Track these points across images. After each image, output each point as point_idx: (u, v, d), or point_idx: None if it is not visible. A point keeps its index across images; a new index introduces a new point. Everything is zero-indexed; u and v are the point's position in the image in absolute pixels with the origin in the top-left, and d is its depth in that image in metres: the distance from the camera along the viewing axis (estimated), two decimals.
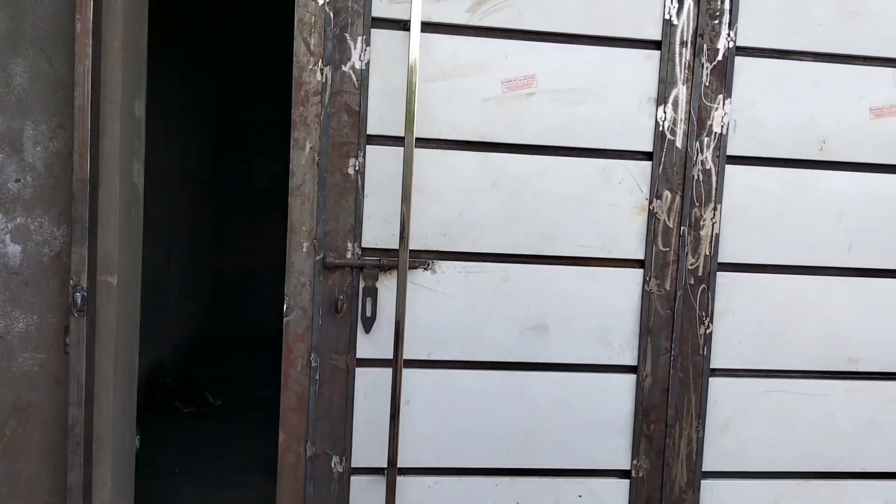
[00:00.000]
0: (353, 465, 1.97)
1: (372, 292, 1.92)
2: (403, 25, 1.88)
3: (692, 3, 1.95)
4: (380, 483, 1.96)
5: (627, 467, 2.05)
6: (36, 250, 1.91)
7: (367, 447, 1.96)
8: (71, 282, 1.85)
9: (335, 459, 1.96)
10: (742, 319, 2.05)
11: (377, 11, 1.88)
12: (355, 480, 1.97)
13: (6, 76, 1.87)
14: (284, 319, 1.92)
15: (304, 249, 1.91)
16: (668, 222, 1.99)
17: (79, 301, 1.85)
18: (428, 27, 1.88)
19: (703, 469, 2.07)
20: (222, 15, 4.96)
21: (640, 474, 2.05)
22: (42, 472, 1.95)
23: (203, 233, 5.31)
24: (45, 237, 1.91)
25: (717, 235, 2.01)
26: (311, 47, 1.88)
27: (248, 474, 3.26)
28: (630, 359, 2.03)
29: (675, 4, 1.95)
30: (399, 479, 1.95)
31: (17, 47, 1.87)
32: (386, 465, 1.93)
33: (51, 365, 1.93)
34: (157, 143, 3.26)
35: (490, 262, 1.97)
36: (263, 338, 5.62)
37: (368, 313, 1.93)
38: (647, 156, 1.98)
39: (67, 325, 1.89)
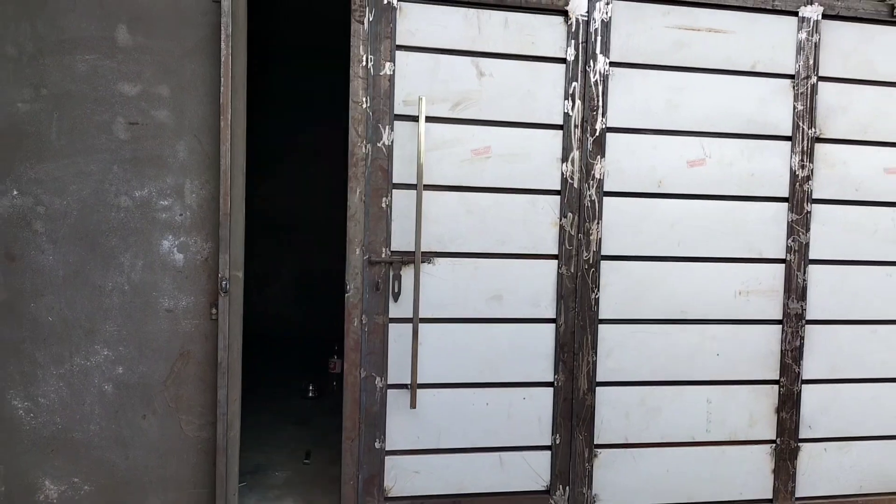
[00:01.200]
0: (388, 382, 3.24)
1: (398, 277, 3.21)
2: (414, 119, 3.18)
3: (580, 103, 3.32)
4: (405, 393, 3.24)
5: (552, 380, 3.39)
6: (192, 258, 3.13)
7: (397, 371, 3.24)
8: (219, 275, 3.08)
9: (378, 379, 3.23)
10: (616, 289, 3.42)
11: (397, 110, 3.18)
12: (390, 392, 3.25)
13: (174, 151, 3.09)
14: (346, 295, 3.19)
15: (357, 252, 3.19)
16: (571, 232, 3.35)
17: (225, 286, 3.08)
18: (428, 119, 3.20)
19: (597, 380, 3.42)
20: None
21: (559, 384, 3.39)
22: (196, 393, 3.15)
23: None
24: (197, 249, 3.13)
25: (600, 239, 3.37)
26: (359, 132, 3.16)
27: (281, 419, 4.51)
28: (552, 314, 3.37)
29: (570, 103, 3.31)
30: (418, 391, 3.24)
31: (181, 134, 3.09)
32: (409, 382, 3.22)
33: (202, 327, 3.14)
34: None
35: (467, 258, 3.28)
36: (267, 338, 6.86)
37: (396, 290, 3.21)
38: (557, 192, 3.33)
39: (215, 301, 3.12)
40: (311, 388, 5.39)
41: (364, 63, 3.14)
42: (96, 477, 3.09)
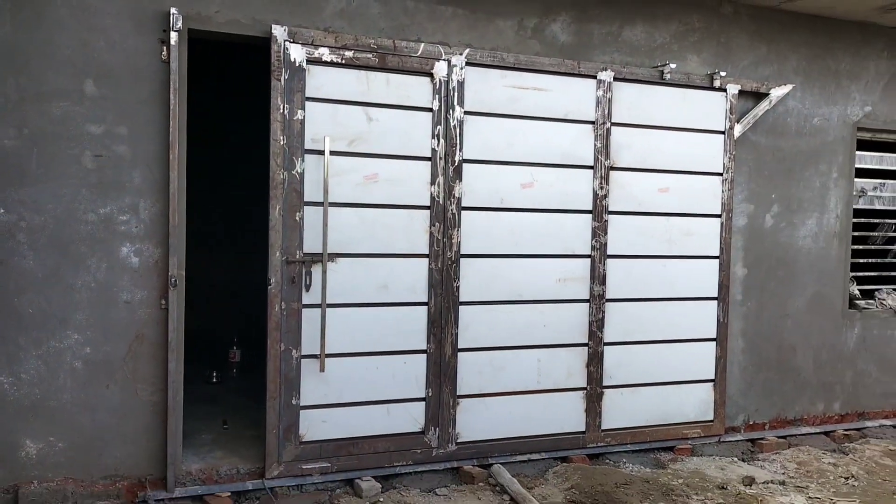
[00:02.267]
0: (302, 353, 4.24)
1: (309, 273, 4.22)
2: (320, 152, 4.21)
3: (444, 141, 4.48)
4: (315, 362, 4.26)
5: (425, 348, 4.52)
6: (145, 261, 3.98)
7: (309, 345, 4.25)
8: (169, 273, 3.96)
9: (294, 351, 4.22)
10: (472, 279, 4.60)
11: (307, 146, 4.19)
12: (304, 361, 4.25)
13: (131, 178, 3.93)
14: (269, 287, 4.16)
15: (277, 255, 4.17)
16: (438, 237, 4.50)
17: (174, 282, 3.97)
18: (331, 153, 4.23)
19: (459, 347, 4.59)
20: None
21: (431, 351, 4.52)
22: (148, 367, 4.00)
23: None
24: (150, 254, 3.99)
25: (460, 242, 4.55)
26: (278, 163, 4.15)
27: (193, 401, 5.35)
28: (425, 298, 4.50)
29: (436, 141, 4.46)
30: (326, 359, 4.26)
31: (136, 164, 3.94)
32: (319, 353, 4.24)
33: (153, 315, 3.99)
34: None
35: (362, 258, 4.35)
36: None
37: (308, 283, 4.22)
38: (427, 207, 4.46)
39: (164, 295, 3.99)
40: (214, 374, 6.22)
41: (281, 110, 4.13)
42: (68, 436, 3.88)
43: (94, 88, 3.84)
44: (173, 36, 3.89)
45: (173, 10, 3.87)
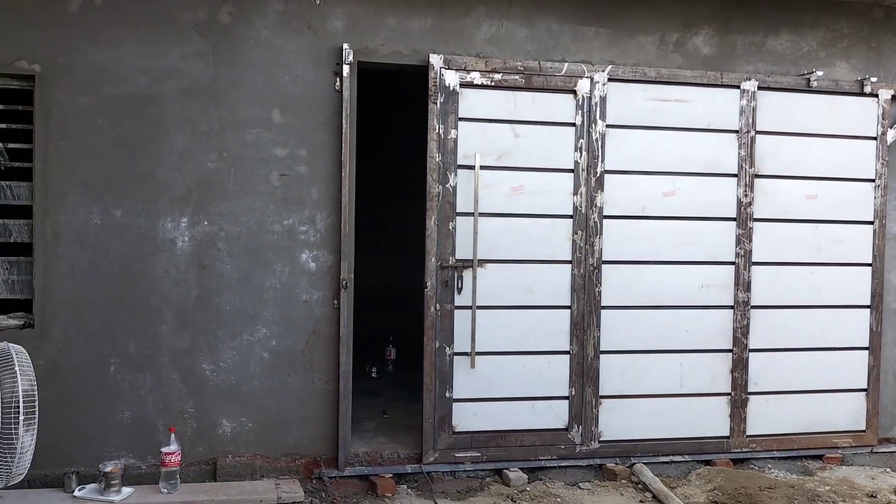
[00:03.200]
0: (455, 350, 4.65)
1: (461, 277, 4.62)
2: (471, 167, 4.61)
3: (586, 154, 4.74)
4: (467, 359, 4.65)
5: (568, 349, 4.79)
6: (321, 266, 4.54)
7: (461, 343, 4.64)
8: (341, 276, 4.50)
9: (447, 348, 4.64)
10: (613, 284, 4.82)
11: (459, 162, 4.60)
12: (456, 358, 4.65)
13: (309, 194, 4.50)
14: (425, 290, 4.60)
15: (432, 260, 4.60)
16: (580, 244, 4.77)
17: (345, 284, 4.49)
18: (480, 167, 4.62)
19: (601, 349, 4.82)
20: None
21: (574, 352, 4.79)
22: (323, 358, 4.55)
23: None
24: (324, 260, 4.54)
25: (601, 249, 4.79)
26: (434, 177, 4.59)
27: (357, 394, 5.90)
28: (568, 302, 4.77)
29: (579, 154, 4.74)
30: (476, 357, 4.64)
31: (314, 181, 4.51)
32: (469, 350, 4.63)
33: (327, 313, 4.54)
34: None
35: (508, 263, 4.70)
36: None
37: (460, 286, 4.63)
38: (570, 217, 4.75)
39: (336, 295, 4.52)
40: (373, 370, 6.80)
41: (437, 130, 4.57)
42: (256, 417, 4.48)
43: (279, 117, 4.44)
44: (345, 68, 4.43)
45: (345, 46, 4.41)
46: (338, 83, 4.47)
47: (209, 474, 4.38)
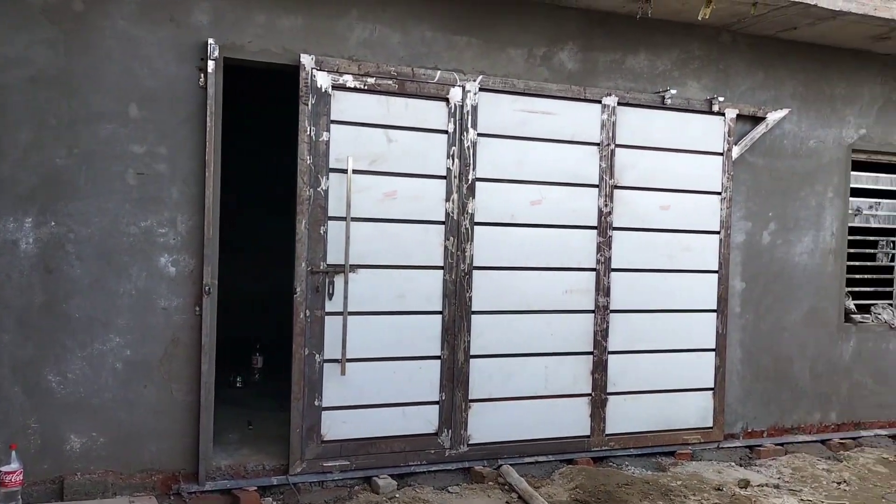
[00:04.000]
0: (325, 357, 4.55)
1: (332, 282, 4.54)
2: (343, 171, 4.54)
3: (458, 161, 4.80)
4: (337, 366, 4.57)
5: (439, 354, 4.82)
6: (181, 270, 4.31)
7: (331, 350, 4.56)
8: (203, 282, 4.29)
9: (317, 355, 4.54)
10: (485, 290, 4.90)
11: (332, 165, 4.52)
12: (326, 365, 4.56)
13: (170, 194, 4.27)
14: (294, 296, 4.48)
15: (303, 265, 4.49)
16: (452, 250, 4.81)
17: (207, 290, 4.29)
18: (353, 171, 4.56)
19: (471, 353, 4.89)
20: None
21: (445, 357, 4.82)
22: (183, 368, 4.32)
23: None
24: (185, 264, 4.32)
25: (472, 255, 4.86)
26: (304, 180, 4.48)
27: (221, 405, 5.67)
28: (439, 308, 4.80)
29: (451, 161, 4.79)
30: (347, 364, 4.57)
31: (174, 181, 4.29)
32: (340, 357, 4.55)
33: (188, 321, 4.32)
34: None
35: (380, 269, 4.66)
36: None
37: (331, 291, 4.54)
38: (442, 223, 4.78)
39: (198, 302, 4.31)
40: (238, 379, 6.54)
41: (308, 132, 4.47)
42: (109, 431, 4.19)
43: (137, 111, 4.19)
44: (210, 64, 4.24)
45: (210, 41, 4.23)
46: (202, 79, 4.28)
47: (56, 494, 4.05)
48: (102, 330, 4.17)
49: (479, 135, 4.86)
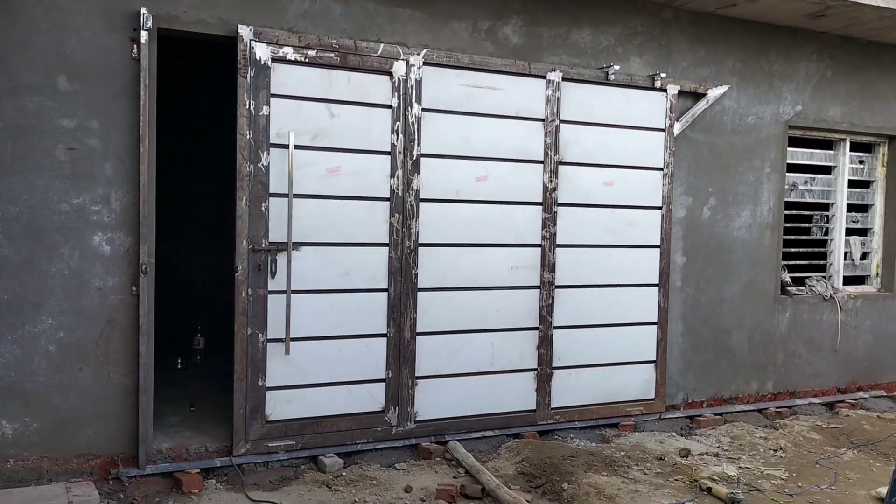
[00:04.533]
0: (268, 337, 4.48)
1: (275, 261, 4.45)
2: (285, 147, 4.44)
3: (403, 137, 4.74)
4: (281, 345, 4.50)
5: (385, 332, 4.79)
6: (116, 249, 4.17)
7: (275, 329, 4.48)
8: (140, 261, 4.16)
9: (260, 335, 4.46)
10: (430, 267, 4.88)
11: (272, 140, 4.41)
12: (269, 344, 4.48)
13: (102, 169, 4.11)
14: (236, 274, 4.38)
15: (244, 243, 4.39)
16: (397, 227, 4.76)
17: (144, 269, 4.17)
18: (295, 147, 4.46)
19: (417, 331, 4.87)
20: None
21: (391, 335, 4.79)
22: (120, 350, 4.19)
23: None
24: (121, 243, 4.17)
25: (418, 232, 4.82)
26: (245, 156, 4.37)
27: (163, 387, 5.55)
28: (385, 285, 4.76)
29: (396, 136, 4.73)
30: (291, 343, 4.50)
31: (107, 156, 4.12)
32: (284, 336, 4.48)
33: (124, 301, 4.18)
34: None
35: (324, 247, 4.59)
36: None
37: (273, 270, 4.46)
38: (387, 199, 4.73)
39: (135, 282, 4.18)
40: (179, 361, 6.40)
41: (248, 106, 4.35)
42: (43, 416, 4.05)
43: (66, 84, 4.01)
44: (143, 35, 4.08)
45: (143, 11, 4.06)
46: (135, 50, 4.11)
47: None
48: (34, 311, 4.01)
49: (424, 110, 4.81)
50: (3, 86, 3.88)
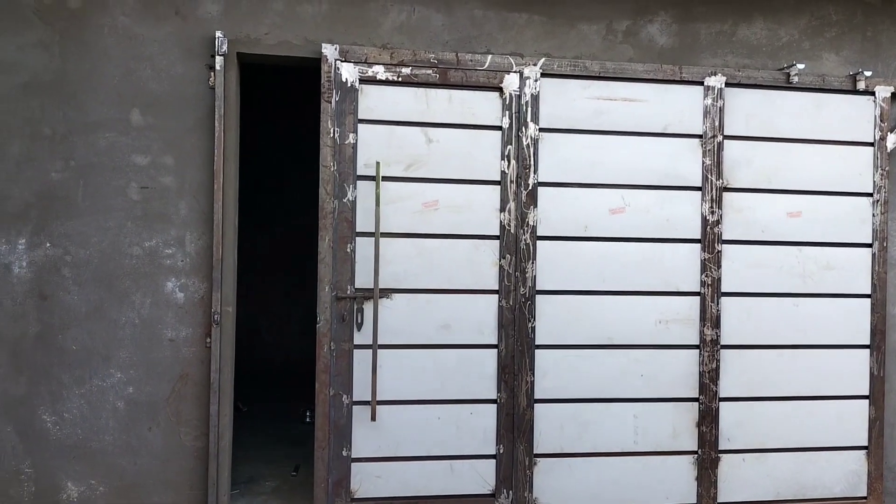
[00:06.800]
0: (353, 399, 3.84)
1: (361, 310, 3.84)
2: (373, 178, 3.84)
3: (514, 162, 3.96)
4: (367, 409, 3.84)
5: (495, 398, 3.96)
6: (191, 296, 3.78)
7: (361, 390, 3.84)
8: (212, 310, 3.74)
9: (344, 396, 3.83)
10: (551, 319, 4.00)
11: (359, 172, 3.84)
12: (355, 408, 3.85)
13: (177, 209, 3.77)
14: (317, 325, 3.82)
15: (326, 290, 3.82)
16: (509, 270, 3.96)
17: (217, 319, 3.73)
18: (383, 178, 3.85)
19: (535, 398, 3.98)
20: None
21: (502, 401, 3.96)
22: (193, 409, 3.78)
23: None
24: (195, 289, 3.79)
25: (535, 276, 3.97)
26: (328, 190, 3.83)
27: (278, 441, 5.11)
28: (494, 340, 3.96)
29: (507, 163, 3.95)
30: (379, 406, 3.83)
31: (182, 195, 3.77)
32: (370, 399, 3.82)
33: (198, 354, 3.78)
34: None
35: (419, 293, 3.90)
36: (270, 369, 7.54)
37: (360, 321, 3.84)
38: (496, 237, 3.95)
39: (209, 332, 3.76)
40: (308, 413, 5.98)
41: (332, 134, 3.82)
42: (109, 479, 3.71)
43: (140, 118, 3.73)
44: (218, 60, 3.72)
45: (218, 34, 3.70)
46: (212, 78, 3.75)
47: None
48: (102, 364, 3.71)
49: (542, 129, 3.99)
50: (74, 122, 3.68)
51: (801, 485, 4.22)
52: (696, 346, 4.12)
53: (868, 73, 4.26)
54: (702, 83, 4.13)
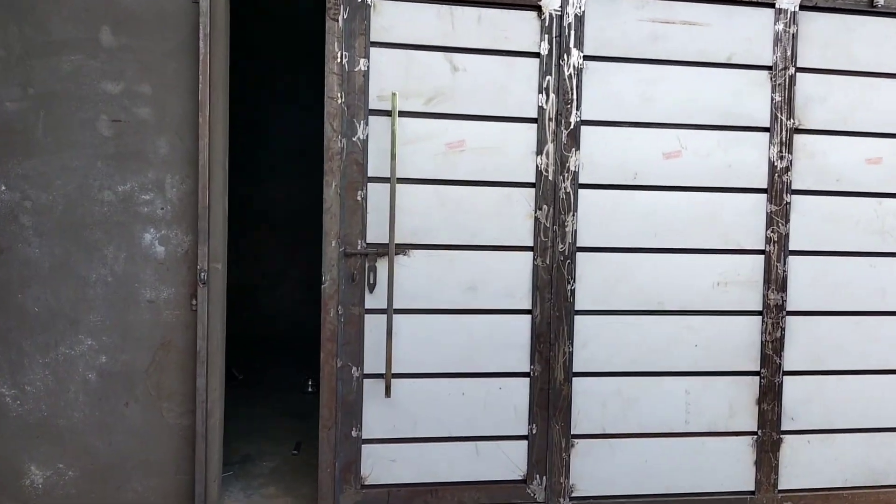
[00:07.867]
0: (364, 372, 3.30)
1: (373, 269, 3.28)
2: (388, 114, 3.25)
3: (554, 96, 3.36)
4: (380, 383, 3.30)
5: (528, 370, 3.42)
6: (173, 250, 3.22)
7: (373, 361, 3.30)
8: (198, 267, 3.18)
9: (354, 369, 3.30)
10: (591, 280, 3.44)
11: (372, 105, 3.25)
12: (366, 381, 3.31)
13: (155, 147, 3.19)
14: (322, 286, 3.26)
15: (333, 245, 3.26)
16: (546, 224, 3.39)
17: (203, 278, 3.17)
18: (401, 114, 3.26)
19: (573, 370, 3.45)
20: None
21: (536, 374, 3.42)
22: (177, 382, 3.24)
23: None
24: (178, 242, 3.22)
25: (575, 231, 3.41)
26: (334, 127, 3.24)
27: (280, 415, 4.60)
28: (527, 305, 3.40)
29: (544, 97, 3.36)
30: (394, 380, 3.30)
31: (162, 130, 3.19)
32: (384, 372, 3.28)
33: (183, 318, 3.23)
34: None
35: (441, 250, 3.34)
36: (270, 336, 7.00)
37: (372, 281, 3.28)
38: (531, 185, 3.37)
39: (195, 293, 3.21)
40: (310, 383, 5.47)
41: (339, 59, 3.22)
42: (80, 462, 3.19)
43: (111, 37, 3.13)
44: None
45: None
46: None
47: None
48: (70, 329, 3.16)
49: (587, 58, 3.39)
50: (32, 41, 3.08)
51: (872, 470, 3.70)
52: (759, 313, 3.57)
53: None
54: (773, 5, 3.51)
